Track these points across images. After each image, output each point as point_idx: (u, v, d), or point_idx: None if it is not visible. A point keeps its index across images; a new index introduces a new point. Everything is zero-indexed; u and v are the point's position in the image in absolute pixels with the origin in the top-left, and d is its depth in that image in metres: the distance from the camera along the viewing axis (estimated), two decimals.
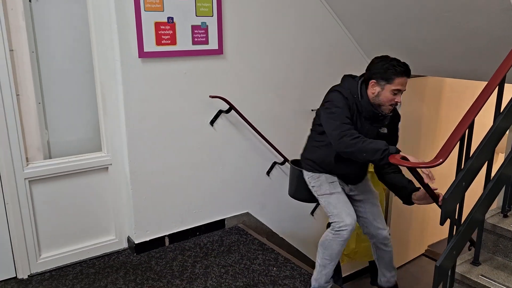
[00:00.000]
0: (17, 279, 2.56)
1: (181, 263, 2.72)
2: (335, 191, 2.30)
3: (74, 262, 2.71)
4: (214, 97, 2.86)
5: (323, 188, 2.31)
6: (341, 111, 2.10)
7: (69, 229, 2.69)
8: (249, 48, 3.00)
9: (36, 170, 2.51)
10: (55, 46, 2.68)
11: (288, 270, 2.65)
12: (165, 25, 2.61)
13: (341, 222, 2.19)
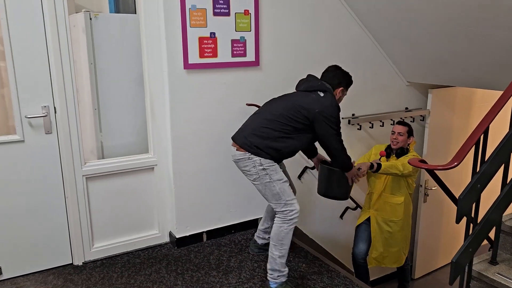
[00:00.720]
0: (73, 265, 2.87)
1: (217, 257, 2.96)
2: (286, 180, 2.53)
3: (122, 252, 3.01)
4: (250, 105, 3.10)
5: (278, 173, 2.50)
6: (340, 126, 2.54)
7: (118, 223, 2.99)
8: (283, 60, 3.23)
9: (92, 169, 2.82)
10: (111, 58, 3.01)
11: (316, 267, 2.83)
12: (208, 39, 2.88)
13: (294, 210, 2.48)
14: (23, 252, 2.71)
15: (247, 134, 2.49)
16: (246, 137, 2.48)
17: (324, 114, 2.42)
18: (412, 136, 3.40)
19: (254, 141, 2.45)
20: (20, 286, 2.62)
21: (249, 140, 2.45)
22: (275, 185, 2.46)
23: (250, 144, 2.45)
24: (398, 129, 3.36)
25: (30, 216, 2.68)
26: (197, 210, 3.11)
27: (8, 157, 2.56)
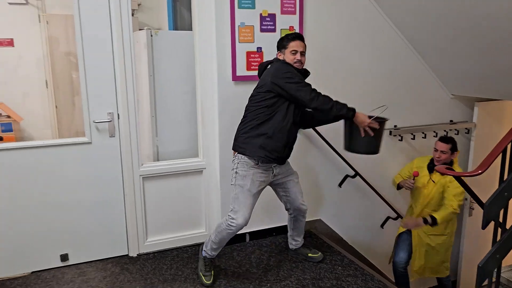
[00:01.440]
0: (129, 256, 3.18)
1: (258, 256, 3.16)
2: (251, 190, 2.58)
3: (172, 247, 3.28)
4: None
5: (244, 180, 2.58)
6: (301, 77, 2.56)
7: (170, 220, 3.27)
8: (325, 72, 3.40)
9: (148, 169, 3.13)
10: (167, 71, 3.34)
11: (351, 270, 2.95)
12: (254, 53, 3.13)
13: (235, 220, 2.58)
14: (86, 242, 3.05)
15: (235, 138, 2.71)
16: (235, 140, 2.70)
17: (276, 76, 2.49)
18: (457, 151, 3.35)
19: (239, 140, 2.65)
20: (83, 271, 2.96)
21: (236, 141, 2.68)
22: (235, 189, 2.62)
23: (237, 144, 2.66)
24: (441, 147, 3.31)
25: (93, 210, 3.03)
26: None
27: (77, 156, 2.93)
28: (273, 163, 2.65)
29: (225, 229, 2.63)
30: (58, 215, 2.93)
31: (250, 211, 2.61)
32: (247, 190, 2.58)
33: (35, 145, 2.84)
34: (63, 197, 2.92)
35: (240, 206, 2.58)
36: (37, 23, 4.93)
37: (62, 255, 3.00)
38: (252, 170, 2.59)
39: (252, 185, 2.59)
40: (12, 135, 4.60)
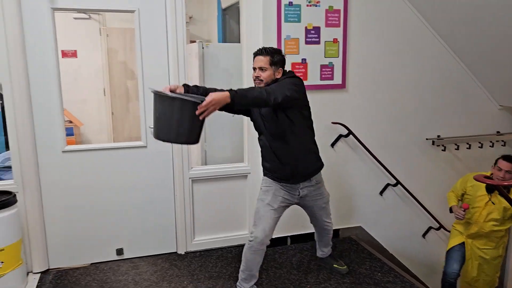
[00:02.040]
0: (177, 253, 3.39)
1: (299, 259, 3.28)
2: (272, 205, 2.56)
3: (217, 247, 3.47)
4: (335, 123, 3.41)
5: (265, 195, 2.58)
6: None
7: (216, 221, 3.46)
8: (368, 83, 3.49)
9: (196, 173, 3.34)
10: (216, 80, 3.55)
11: (391, 277, 3.00)
12: (299, 65, 3.28)
13: (253, 234, 2.55)
14: (139, 238, 3.30)
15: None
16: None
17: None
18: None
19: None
20: (136, 265, 3.20)
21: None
22: (257, 203, 2.63)
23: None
24: (505, 166, 3.00)
25: (146, 209, 3.27)
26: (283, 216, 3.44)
27: (133, 159, 3.19)
28: (286, 183, 2.59)
29: (247, 247, 2.58)
30: (115, 212, 3.20)
31: (270, 226, 2.55)
32: (267, 204, 2.57)
33: (101, 148, 3.14)
34: (120, 196, 3.19)
35: (260, 221, 2.55)
36: (98, 36, 5.35)
37: (118, 249, 3.26)
38: (274, 186, 2.59)
39: (273, 200, 2.57)
40: (73, 139, 4.97)
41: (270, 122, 2.49)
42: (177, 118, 2.12)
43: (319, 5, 3.23)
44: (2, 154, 3.89)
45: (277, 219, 2.61)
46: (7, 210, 2.70)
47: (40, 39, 2.84)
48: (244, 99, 2.15)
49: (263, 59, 2.46)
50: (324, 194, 2.78)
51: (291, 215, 3.43)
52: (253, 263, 2.60)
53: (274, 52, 2.48)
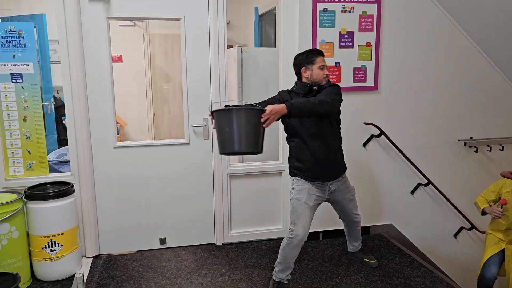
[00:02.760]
0: (215, 244, 3.62)
1: (330, 252, 3.43)
2: (308, 203, 2.67)
3: (252, 240, 3.67)
4: (367, 124, 3.55)
5: (300, 194, 2.69)
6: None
7: (251, 215, 3.67)
8: (401, 85, 3.61)
9: (234, 169, 3.56)
10: (254, 82, 3.76)
11: (420, 272, 3.11)
12: (333, 68, 3.45)
13: (294, 231, 2.64)
14: (181, 229, 3.55)
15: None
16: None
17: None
18: None
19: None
20: (178, 253, 3.45)
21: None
22: (292, 203, 2.73)
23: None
24: None
25: (187, 202, 3.51)
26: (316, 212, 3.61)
27: (177, 155, 3.44)
28: (317, 181, 2.72)
29: (286, 243, 2.70)
30: (159, 204, 3.46)
31: (308, 224, 2.68)
32: (304, 203, 2.68)
33: (148, 144, 3.42)
34: (164, 189, 3.45)
35: (300, 219, 2.66)
36: (142, 41, 5.69)
37: (161, 238, 3.52)
38: (307, 185, 2.71)
39: (308, 198, 2.69)
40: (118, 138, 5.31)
41: (311, 123, 2.63)
42: (245, 128, 2.24)
43: (353, 11, 3.39)
44: (57, 150, 4.26)
45: (312, 216, 2.75)
46: (66, 198, 3.01)
47: (96, 45, 3.14)
48: (299, 110, 2.33)
49: (324, 59, 2.69)
50: (350, 187, 2.92)
51: (323, 212, 3.59)
52: (291, 257, 2.73)
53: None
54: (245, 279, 3.04)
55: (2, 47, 3.00)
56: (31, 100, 3.10)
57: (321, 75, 2.65)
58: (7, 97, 3.07)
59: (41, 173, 3.21)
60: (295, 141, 2.75)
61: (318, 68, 2.64)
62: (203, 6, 3.27)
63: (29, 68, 3.06)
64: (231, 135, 2.25)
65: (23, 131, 3.14)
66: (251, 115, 2.25)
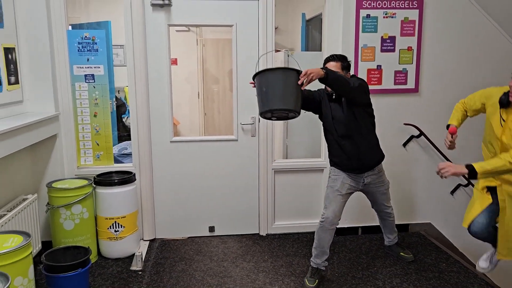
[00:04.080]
0: (259, 235, 3.89)
1: (368, 247, 3.61)
2: (340, 191, 2.91)
3: (294, 232, 3.90)
4: (407, 125, 3.69)
5: (334, 182, 2.95)
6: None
7: (293, 208, 3.91)
8: (441, 87, 3.72)
9: (278, 165, 3.82)
10: None
11: (455, 268, 3.22)
12: (374, 70, 3.62)
13: (325, 214, 2.91)
14: (228, 219, 3.85)
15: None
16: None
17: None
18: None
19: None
20: (225, 241, 3.75)
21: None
22: (326, 190, 3.01)
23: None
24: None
25: (234, 194, 3.81)
26: (355, 209, 3.80)
27: (226, 150, 3.75)
28: (352, 173, 2.93)
29: (319, 227, 2.94)
30: (209, 195, 3.78)
31: (339, 208, 2.92)
32: (336, 190, 2.94)
33: (201, 139, 3.77)
34: (214, 181, 3.76)
35: (331, 203, 2.93)
36: (195, 45, 6.09)
37: (210, 226, 3.84)
38: (342, 174, 2.95)
39: (341, 187, 2.93)
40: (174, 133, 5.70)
41: (340, 124, 2.85)
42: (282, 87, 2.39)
43: (395, 16, 3.56)
44: (118, 145, 4.72)
45: (344, 203, 2.97)
46: (129, 185, 3.39)
47: (157, 49, 3.51)
48: (333, 75, 2.53)
49: (335, 64, 2.82)
50: (385, 181, 3.08)
51: (362, 207, 3.77)
52: (324, 241, 2.97)
53: (343, 58, 2.87)
54: (286, 265, 3.28)
55: (78, 52, 3.44)
56: (101, 98, 3.53)
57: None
58: (81, 95, 3.51)
59: (107, 163, 3.63)
60: (329, 139, 3.00)
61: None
62: (253, 13, 3.56)
63: (100, 70, 3.49)
64: (268, 94, 2.41)
65: (93, 125, 3.56)
66: (286, 74, 2.43)
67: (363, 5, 3.50)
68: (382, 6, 3.53)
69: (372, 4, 3.51)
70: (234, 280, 3.07)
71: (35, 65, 3.21)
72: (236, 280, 3.06)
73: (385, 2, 3.52)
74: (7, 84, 2.91)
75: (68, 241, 3.17)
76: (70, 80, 3.44)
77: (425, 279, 3.06)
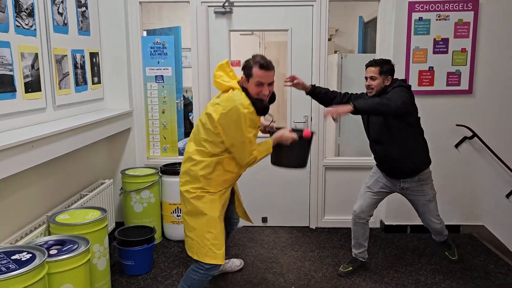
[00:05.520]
0: (309, 227, 4.10)
1: (415, 245, 3.68)
2: (371, 188, 3.05)
3: (342, 227, 4.05)
4: (460, 126, 3.70)
5: (369, 179, 3.11)
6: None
7: (342, 204, 4.06)
8: (497, 89, 3.69)
9: (329, 162, 4.01)
10: (352, 85, 4.15)
11: (504, 270, 3.21)
12: (426, 72, 3.68)
13: (353, 208, 3.08)
14: (280, 211, 4.10)
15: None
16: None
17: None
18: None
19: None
20: (276, 231, 4.01)
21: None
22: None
23: None
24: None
25: (286, 188, 4.05)
26: (405, 208, 3.84)
27: None
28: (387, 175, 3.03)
29: (351, 220, 3.15)
30: (263, 188, 4.06)
31: (367, 204, 3.03)
32: (367, 187, 3.09)
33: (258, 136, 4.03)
34: (267, 175, 4.02)
35: (359, 198, 3.10)
36: (258, 48, 6.42)
37: (263, 217, 4.12)
38: (379, 173, 3.07)
39: (373, 184, 3.06)
40: None
41: (374, 129, 2.96)
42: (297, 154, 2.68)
43: (449, 19, 3.60)
44: (183, 140, 5.14)
45: (375, 200, 3.07)
46: None
47: (219, 53, 3.86)
48: (364, 106, 2.61)
49: (373, 70, 2.86)
50: (426, 192, 2.98)
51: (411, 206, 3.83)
52: (357, 233, 3.13)
53: (383, 63, 2.87)
54: (332, 256, 3.47)
55: (150, 55, 3.89)
56: (168, 97, 3.95)
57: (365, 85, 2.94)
58: (152, 94, 3.95)
59: (172, 155, 4.04)
60: (369, 140, 3.12)
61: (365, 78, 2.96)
62: (308, 18, 3.78)
63: (169, 72, 3.91)
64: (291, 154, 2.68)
65: (161, 121, 3.99)
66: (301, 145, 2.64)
67: (416, 8, 3.59)
68: (435, 9, 3.58)
69: (424, 7, 3.58)
70: (281, 265, 3.32)
71: (114, 67, 3.70)
72: (283, 266, 3.31)
73: (438, 5, 3.57)
74: (91, 83, 3.40)
75: (137, 221, 3.61)
76: (143, 80, 3.90)
77: (469, 278, 3.09)
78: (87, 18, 3.32)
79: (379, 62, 2.89)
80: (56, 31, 2.83)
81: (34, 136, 2.21)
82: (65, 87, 2.96)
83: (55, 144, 2.46)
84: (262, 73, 2.35)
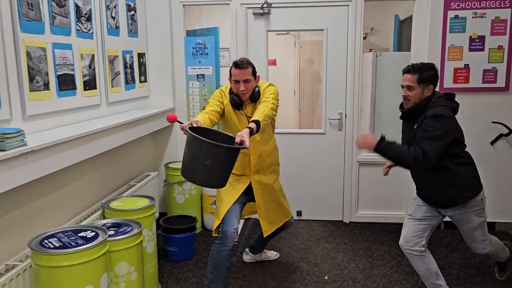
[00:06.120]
0: (342, 222, 4.22)
1: (449, 240, 3.73)
2: (413, 215, 2.65)
3: (375, 222, 4.15)
4: (495, 123, 3.72)
5: (410, 206, 2.74)
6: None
7: (376, 199, 4.15)
8: None
9: (363, 158, 4.10)
10: (386, 84, 4.23)
11: None
12: (461, 70, 3.72)
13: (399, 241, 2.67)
14: (314, 205, 4.24)
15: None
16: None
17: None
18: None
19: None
20: (310, 224, 4.15)
21: None
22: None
23: None
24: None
25: (321, 183, 4.19)
26: None
27: (314, 142, 4.14)
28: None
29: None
30: (298, 182, 4.21)
31: (411, 233, 2.61)
32: (408, 214, 2.71)
33: (293, 132, 4.25)
34: (303, 170, 4.18)
35: (403, 229, 2.69)
36: (293, 47, 6.56)
37: (298, 211, 4.27)
38: (419, 198, 2.70)
39: (415, 210, 2.67)
40: None
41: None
42: (219, 166, 2.03)
43: (485, 16, 3.62)
44: None
45: (422, 227, 2.62)
46: None
47: (257, 52, 4.03)
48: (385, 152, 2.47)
49: (410, 77, 2.43)
50: (471, 220, 2.54)
51: None
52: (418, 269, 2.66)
53: (423, 69, 2.43)
54: (364, 249, 3.58)
55: (192, 55, 4.11)
56: (209, 95, 4.16)
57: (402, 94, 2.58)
58: (193, 92, 4.18)
59: None
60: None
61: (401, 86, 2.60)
62: (343, 18, 3.89)
63: (209, 71, 4.12)
64: (199, 167, 2.02)
65: None
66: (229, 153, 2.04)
67: (451, 6, 3.63)
68: (471, 6, 3.62)
69: (460, 5, 3.62)
70: (315, 256, 3.47)
71: (159, 67, 3.95)
72: (316, 256, 3.46)
73: (474, 2, 3.60)
74: (139, 82, 3.66)
75: (179, 212, 3.84)
76: (185, 79, 4.13)
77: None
78: (135, 21, 3.58)
79: (418, 68, 2.44)
80: (109, 34, 3.09)
81: (93, 129, 2.46)
82: (116, 85, 3.22)
83: (110, 137, 2.71)
84: (237, 72, 2.62)
